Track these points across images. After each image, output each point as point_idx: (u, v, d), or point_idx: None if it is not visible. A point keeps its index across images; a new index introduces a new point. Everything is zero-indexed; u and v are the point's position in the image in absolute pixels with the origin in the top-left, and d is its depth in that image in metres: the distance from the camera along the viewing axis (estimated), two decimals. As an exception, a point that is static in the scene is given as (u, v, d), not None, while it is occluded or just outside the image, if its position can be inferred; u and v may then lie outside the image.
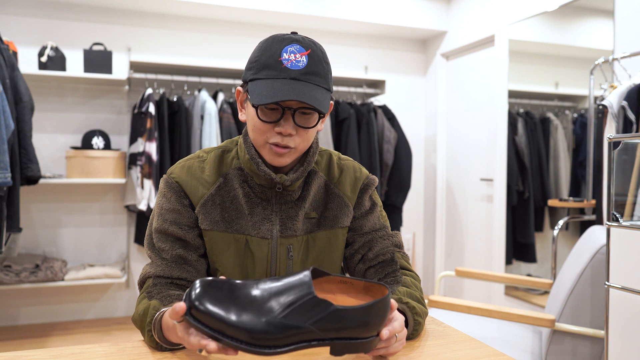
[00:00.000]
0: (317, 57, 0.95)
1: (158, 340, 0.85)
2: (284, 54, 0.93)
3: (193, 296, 0.69)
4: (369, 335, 0.75)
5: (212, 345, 0.68)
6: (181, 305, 0.69)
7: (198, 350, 0.71)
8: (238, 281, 0.73)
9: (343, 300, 0.82)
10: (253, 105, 0.93)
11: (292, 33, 0.97)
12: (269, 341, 0.69)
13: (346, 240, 1.12)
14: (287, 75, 0.92)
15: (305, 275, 0.73)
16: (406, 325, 0.93)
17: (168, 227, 1.01)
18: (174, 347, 0.86)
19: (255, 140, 0.99)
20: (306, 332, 0.70)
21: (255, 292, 0.71)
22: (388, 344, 0.81)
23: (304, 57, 0.93)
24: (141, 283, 1.01)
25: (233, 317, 0.68)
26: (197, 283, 0.70)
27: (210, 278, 0.72)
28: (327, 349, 0.86)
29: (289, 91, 0.90)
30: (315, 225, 1.07)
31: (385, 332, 0.77)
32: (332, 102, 1.04)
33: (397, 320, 0.82)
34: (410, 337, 0.94)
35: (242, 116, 1.03)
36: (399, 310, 0.93)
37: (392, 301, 0.82)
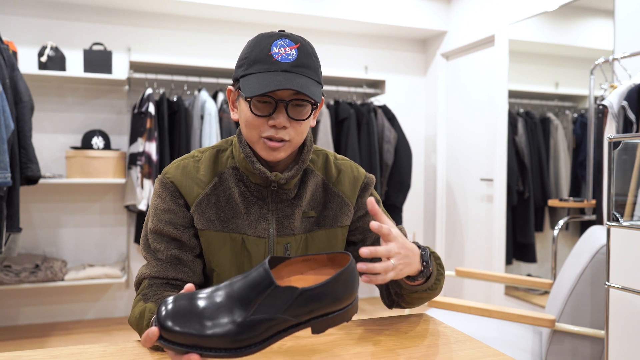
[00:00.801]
0: (306, 51, 0.96)
1: (157, 343, 0.85)
2: (274, 48, 0.94)
3: (160, 319, 0.68)
4: (344, 305, 0.75)
5: (194, 357, 0.68)
6: (153, 331, 0.68)
7: None
8: (201, 290, 0.72)
9: (311, 277, 0.81)
10: (246, 99, 0.94)
11: (280, 31, 0.98)
12: (246, 341, 0.68)
13: (356, 239, 1.12)
14: (278, 67, 0.93)
15: (263, 268, 0.71)
16: (428, 276, 0.96)
17: (163, 227, 1.00)
18: None
19: (249, 136, 0.98)
20: (280, 322, 0.70)
21: (218, 299, 0.70)
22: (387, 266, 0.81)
23: (293, 50, 0.94)
24: (137, 284, 1.01)
25: (203, 329, 0.67)
26: (167, 301, 0.69)
27: (173, 296, 0.71)
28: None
29: (281, 81, 0.91)
30: (314, 224, 1.07)
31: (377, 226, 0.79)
32: (322, 97, 1.05)
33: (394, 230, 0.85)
34: (433, 286, 0.98)
35: (234, 115, 1.03)
36: (422, 258, 0.93)
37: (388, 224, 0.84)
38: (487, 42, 3.60)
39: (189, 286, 0.76)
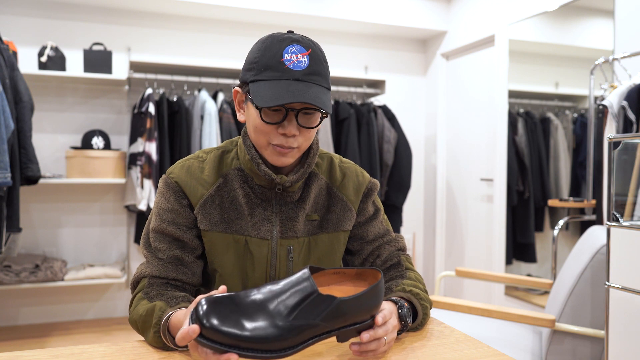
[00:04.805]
0: (317, 57, 0.95)
1: (166, 342, 0.85)
2: (286, 55, 0.92)
3: (200, 317, 0.69)
4: (369, 317, 0.81)
5: (233, 356, 0.68)
6: (194, 329, 0.68)
7: None
8: (240, 292, 0.74)
9: (340, 289, 0.86)
10: (257, 107, 0.93)
11: (289, 32, 0.97)
12: (284, 344, 0.71)
13: (352, 248, 1.13)
14: (290, 76, 0.92)
15: (305, 275, 0.75)
16: (415, 314, 0.98)
17: (166, 227, 1.00)
18: (184, 349, 0.86)
19: (257, 142, 0.98)
20: (316, 328, 0.74)
21: (260, 300, 0.73)
22: (379, 344, 0.83)
23: (305, 57, 0.93)
24: (135, 283, 1.00)
25: (244, 330, 0.69)
26: (202, 302, 0.70)
27: (214, 296, 0.72)
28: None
29: (294, 93, 0.90)
30: (317, 228, 1.07)
31: (379, 318, 0.82)
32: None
33: (386, 308, 0.87)
34: (421, 324, 0.98)
35: (240, 116, 1.03)
36: (404, 299, 0.97)
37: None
38: (487, 42, 3.60)
39: (223, 288, 0.77)
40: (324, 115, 0.97)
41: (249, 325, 0.70)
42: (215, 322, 0.68)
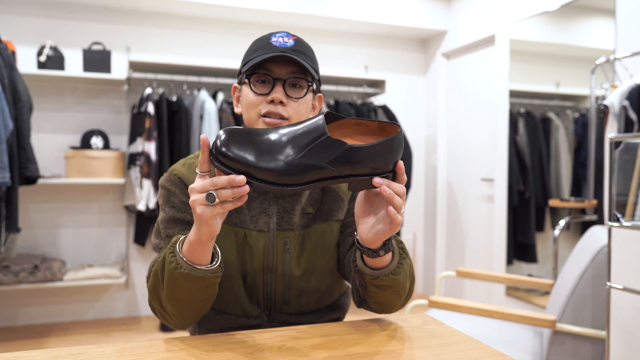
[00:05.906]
0: (304, 43, 1.04)
1: (181, 258, 0.85)
2: (273, 38, 1.02)
3: (219, 143, 0.74)
4: (383, 171, 0.80)
5: (241, 176, 0.73)
6: (204, 139, 0.75)
7: (209, 199, 0.75)
8: (259, 129, 0.77)
9: (359, 140, 0.86)
10: (246, 79, 1.01)
11: None
12: (290, 179, 0.75)
13: (345, 240, 1.11)
14: (275, 50, 0.99)
15: (319, 119, 0.77)
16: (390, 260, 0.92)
17: (175, 213, 1.04)
18: (193, 266, 0.85)
19: (249, 119, 1.02)
20: (324, 170, 0.76)
21: (275, 137, 0.76)
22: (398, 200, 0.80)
23: (291, 40, 1.02)
24: (150, 274, 0.99)
25: (256, 159, 0.74)
26: (222, 132, 0.75)
27: (233, 127, 0.76)
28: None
29: (277, 53, 0.98)
30: (311, 220, 1.10)
31: (400, 164, 0.81)
32: (321, 95, 1.11)
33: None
34: (394, 272, 0.91)
35: (237, 109, 1.08)
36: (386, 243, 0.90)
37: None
38: (487, 42, 3.59)
39: (204, 137, 0.82)
40: (310, 85, 1.02)
41: (260, 157, 0.74)
42: (230, 148, 0.74)
